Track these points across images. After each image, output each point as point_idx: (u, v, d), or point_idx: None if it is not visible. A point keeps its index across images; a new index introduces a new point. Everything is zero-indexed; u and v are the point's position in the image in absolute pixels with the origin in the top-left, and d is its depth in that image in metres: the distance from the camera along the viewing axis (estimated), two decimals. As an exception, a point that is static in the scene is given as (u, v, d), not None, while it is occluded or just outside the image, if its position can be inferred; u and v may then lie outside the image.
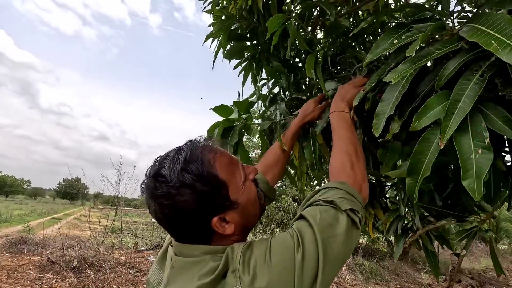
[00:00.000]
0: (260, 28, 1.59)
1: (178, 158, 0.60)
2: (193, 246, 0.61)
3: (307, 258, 0.54)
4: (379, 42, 0.73)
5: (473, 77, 0.60)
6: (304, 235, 0.56)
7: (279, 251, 0.55)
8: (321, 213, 0.60)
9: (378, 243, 7.94)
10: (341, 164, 0.76)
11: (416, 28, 0.70)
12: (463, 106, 0.58)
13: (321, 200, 0.64)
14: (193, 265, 0.58)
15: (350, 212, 0.62)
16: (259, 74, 1.77)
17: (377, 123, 0.71)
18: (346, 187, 0.68)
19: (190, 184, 0.58)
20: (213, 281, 0.54)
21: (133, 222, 8.71)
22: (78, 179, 48.85)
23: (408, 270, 6.90)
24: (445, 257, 7.90)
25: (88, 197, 29.32)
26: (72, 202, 49.57)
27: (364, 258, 6.68)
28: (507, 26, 0.52)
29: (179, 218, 0.60)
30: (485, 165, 0.54)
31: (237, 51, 1.61)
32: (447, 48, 0.62)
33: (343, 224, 0.60)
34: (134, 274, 4.44)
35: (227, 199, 0.62)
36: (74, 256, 4.45)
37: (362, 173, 0.76)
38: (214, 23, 1.58)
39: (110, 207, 7.92)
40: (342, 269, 5.68)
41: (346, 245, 0.59)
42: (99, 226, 6.74)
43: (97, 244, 5.38)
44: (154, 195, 0.59)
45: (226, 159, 0.65)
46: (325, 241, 0.56)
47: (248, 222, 0.68)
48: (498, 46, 0.51)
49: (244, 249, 0.57)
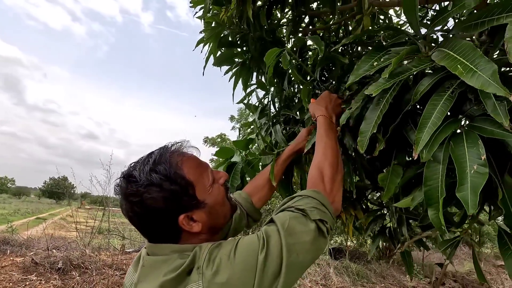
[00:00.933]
0: (250, 35, 1.63)
1: (148, 160, 0.65)
2: (163, 245, 0.65)
3: (270, 260, 0.56)
4: (360, 64, 0.78)
5: (445, 93, 0.65)
6: (271, 238, 0.59)
7: (243, 251, 0.58)
8: (291, 219, 0.63)
9: (365, 246, 8.05)
10: (321, 173, 0.79)
11: (394, 51, 0.75)
12: (435, 120, 0.63)
13: (293, 207, 0.67)
14: (162, 263, 0.61)
15: (319, 222, 0.65)
16: (250, 80, 1.81)
17: (362, 140, 0.75)
18: (320, 197, 0.71)
19: (157, 183, 0.62)
20: (177, 277, 0.57)
21: (121, 223, 8.59)
22: (65, 178, 47.77)
23: (394, 273, 7.02)
24: (430, 261, 8.07)
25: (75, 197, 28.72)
26: (58, 202, 48.37)
27: (351, 261, 6.77)
28: (470, 52, 0.58)
29: (148, 215, 0.63)
30: (480, 180, 0.57)
31: (226, 58, 1.65)
32: (422, 66, 0.67)
33: (311, 233, 0.63)
34: (121, 276, 4.39)
35: (194, 199, 0.66)
36: (59, 258, 4.37)
37: (339, 186, 0.79)
38: (205, 29, 1.61)
39: (98, 207, 7.79)
40: (329, 272, 5.75)
41: (311, 252, 0.62)
42: (86, 227, 6.62)
43: (83, 245, 5.29)
44: (125, 194, 0.64)
45: (194, 162, 0.70)
46: (290, 246, 0.58)
47: (216, 222, 0.71)
48: (463, 70, 0.56)
49: (212, 248, 0.60)
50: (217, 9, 1.57)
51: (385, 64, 0.72)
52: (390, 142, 0.87)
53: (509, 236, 0.73)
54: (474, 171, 0.58)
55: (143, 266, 0.64)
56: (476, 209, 0.57)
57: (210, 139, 12.81)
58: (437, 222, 0.63)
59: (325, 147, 0.85)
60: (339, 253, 7.34)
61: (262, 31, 1.54)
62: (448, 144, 0.65)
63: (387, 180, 0.86)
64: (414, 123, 0.80)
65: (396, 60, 0.65)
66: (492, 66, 0.54)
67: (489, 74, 0.53)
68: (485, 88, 0.53)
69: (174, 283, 0.57)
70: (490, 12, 0.61)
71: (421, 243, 1.40)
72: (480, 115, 0.64)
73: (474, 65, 0.56)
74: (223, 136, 12.85)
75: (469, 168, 0.59)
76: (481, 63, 0.55)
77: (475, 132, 0.62)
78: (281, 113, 1.54)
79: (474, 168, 0.59)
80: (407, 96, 0.78)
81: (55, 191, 50.83)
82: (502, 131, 0.58)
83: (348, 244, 8.11)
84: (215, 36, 1.55)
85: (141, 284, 0.61)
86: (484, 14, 0.62)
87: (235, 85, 1.75)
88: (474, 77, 0.55)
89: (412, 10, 0.69)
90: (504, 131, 0.58)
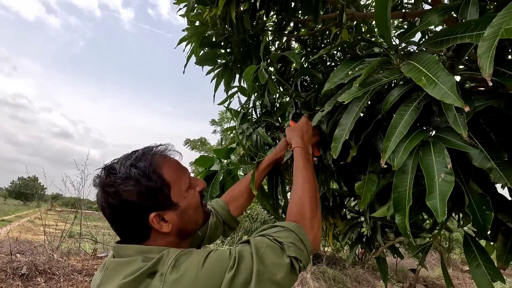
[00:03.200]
0: (233, 37, 1.62)
1: (131, 156, 0.68)
2: (129, 246, 0.64)
3: (236, 281, 0.56)
4: (335, 72, 0.80)
5: (412, 104, 0.68)
6: (243, 260, 0.59)
7: (212, 265, 0.57)
8: (267, 247, 0.63)
9: (342, 252, 8.19)
10: (302, 208, 0.78)
11: (367, 62, 0.78)
12: (401, 129, 0.66)
13: (272, 237, 0.66)
14: (124, 265, 0.60)
15: (294, 259, 0.64)
16: (232, 82, 1.80)
17: (335, 146, 0.76)
18: (301, 234, 0.70)
19: (135, 177, 0.63)
20: (136, 279, 0.56)
21: (94, 226, 8.23)
22: (35, 178, 45.30)
23: (369, 278, 7.19)
24: (403, 266, 8.34)
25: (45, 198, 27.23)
26: (26, 203, 45.68)
27: (328, 266, 6.86)
28: (433, 65, 0.61)
29: (120, 207, 0.64)
30: (447, 188, 0.60)
31: (209, 58, 1.63)
32: (392, 77, 0.70)
33: (283, 267, 0.62)
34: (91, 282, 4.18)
35: (168, 199, 0.67)
36: (24, 263, 4.10)
37: (319, 222, 0.79)
38: (188, 28, 1.59)
39: (70, 210, 7.42)
40: (306, 277, 5.78)
41: (279, 285, 0.60)
42: (56, 230, 6.27)
43: (52, 249, 5.00)
44: (102, 184, 0.65)
45: (174, 165, 0.71)
46: (260, 274, 0.58)
47: (187, 226, 0.71)
48: (426, 82, 0.59)
49: (180, 254, 0.59)
50: (201, 8, 1.56)
51: (359, 73, 0.75)
52: (365, 150, 0.89)
53: (475, 242, 0.76)
54: (442, 180, 0.61)
55: (107, 269, 0.63)
56: (445, 216, 0.60)
57: (192, 141, 12.63)
58: (403, 228, 0.65)
59: (303, 181, 0.85)
60: (317, 258, 7.42)
61: (246, 34, 1.54)
62: (417, 153, 0.67)
63: (363, 189, 0.88)
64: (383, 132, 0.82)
65: (367, 70, 0.67)
66: (451, 79, 0.57)
67: (448, 86, 0.56)
68: (445, 99, 0.55)
69: (132, 285, 0.55)
70: (455, 30, 0.66)
71: (395, 250, 1.44)
72: (445, 127, 0.67)
73: (436, 78, 0.59)
74: (203, 140, 12.71)
75: (437, 176, 0.62)
76: (442, 76, 0.58)
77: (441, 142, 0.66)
78: (262, 119, 1.54)
79: (442, 177, 0.61)
80: (379, 106, 0.80)
81: (23, 191, 47.95)
82: (462, 143, 0.62)
83: (326, 250, 8.23)
84: (197, 36, 1.53)
85: (103, 286, 0.60)
86: (450, 31, 0.66)
87: (216, 86, 1.74)
88: (435, 88, 0.58)
89: (384, 25, 0.73)
90: (463, 143, 0.62)
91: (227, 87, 1.76)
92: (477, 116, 0.68)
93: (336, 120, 0.83)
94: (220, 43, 1.69)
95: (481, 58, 0.51)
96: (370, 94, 0.72)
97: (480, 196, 0.68)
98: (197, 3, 1.52)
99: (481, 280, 0.71)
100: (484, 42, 0.51)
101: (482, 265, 0.72)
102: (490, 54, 0.50)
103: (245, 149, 1.37)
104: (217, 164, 1.31)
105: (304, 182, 0.84)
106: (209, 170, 1.30)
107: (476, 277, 0.72)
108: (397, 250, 1.45)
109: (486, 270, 0.71)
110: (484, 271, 0.71)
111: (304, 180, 0.85)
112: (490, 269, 0.71)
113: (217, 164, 1.31)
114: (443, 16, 0.71)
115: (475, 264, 0.74)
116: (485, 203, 0.67)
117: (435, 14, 0.72)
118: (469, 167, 0.68)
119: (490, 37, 0.51)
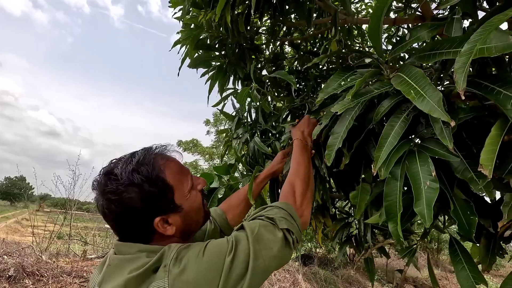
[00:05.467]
0: (228, 40, 1.63)
1: (132, 160, 0.66)
2: (132, 244, 0.64)
3: (236, 263, 0.59)
4: (329, 82, 0.83)
5: (402, 115, 0.71)
6: (239, 243, 0.62)
7: (212, 252, 0.60)
8: (260, 227, 0.66)
9: (334, 253, 8.26)
10: (293, 188, 0.84)
11: (359, 72, 0.82)
12: (392, 140, 0.69)
13: (264, 216, 0.71)
14: (128, 262, 0.60)
15: (286, 231, 0.68)
16: (226, 84, 1.81)
17: (329, 153, 0.79)
18: (289, 209, 0.74)
19: (138, 183, 0.62)
20: (142, 274, 0.57)
21: (84, 227, 8.10)
22: (22, 178, 44.23)
23: (360, 279, 7.26)
24: (393, 266, 8.45)
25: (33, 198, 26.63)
26: (13, 203, 44.56)
27: (320, 267, 6.91)
28: (421, 79, 0.64)
29: (124, 214, 0.63)
30: (433, 195, 0.63)
31: (203, 61, 1.64)
32: (383, 89, 0.73)
33: (278, 241, 0.66)
34: (81, 284, 4.12)
35: (172, 202, 0.67)
36: (11, 264, 4.01)
37: (308, 201, 0.84)
38: (182, 30, 1.59)
39: (59, 210, 7.28)
40: (298, 278, 5.81)
41: (276, 260, 0.64)
42: (44, 231, 6.15)
43: (40, 250, 4.90)
44: (104, 191, 0.63)
45: (176, 167, 0.71)
46: (257, 252, 0.61)
47: (189, 227, 0.73)
48: (415, 96, 0.62)
49: (181, 248, 0.60)
50: (196, 12, 1.56)
51: (351, 84, 0.78)
52: (359, 157, 0.92)
53: (459, 244, 0.79)
54: (428, 187, 0.64)
55: (109, 265, 0.63)
56: (432, 222, 0.63)
57: (184, 143, 12.54)
58: (396, 235, 0.68)
59: (298, 165, 0.90)
60: (309, 259, 7.47)
61: (240, 37, 1.55)
62: (404, 162, 0.70)
63: (358, 198, 0.92)
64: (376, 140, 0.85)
65: (359, 83, 0.70)
66: (438, 94, 0.59)
67: (436, 101, 0.58)
68: (432, 113, 0.58)
69: (139, 280, 0.56)
70: (441, 46, 0.68)
71: (383, 251, 1.48)
72: (429, 137, 0.71)
73: (424, 92, 0.61)
74: (195, 141, 12.63)
75: (423, 184, 0.65)
76: (429, 90, 0.61)
77: (425, 152, 0.69)
78: (257, 125, 1.56)
79: (427, 184, 0.64)
80: (371, 115, 0.83)
81: (10, 191, 46.78)
82: (445, 152, 0.66)
83: (317, 251, 8.28)
84: (192, 38, 1.54)
85: (105, 283, 0.60)
86: (437, 46, 0.69)
87: (210, 88, 1.74)
88: (424, 102, 0.60)
89: (376, 37, 0.75)
90: (446, 152, 0.65)
91: (221, 90, 1.77)
92: (460, 129, 0.71)
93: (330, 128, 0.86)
94: (214, 45, 1.70)
95: (456, 73, 0.53)
96: (362, 104, 0.74)
97: (464, 201, 0.71)
98: (193, 6, 1.53)
99: (465, 282, 0.74)
100: (461, 57, 0.54)
101: (467, 268, 0.76)
102: (464, 70, 0.52)
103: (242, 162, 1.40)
104: (216, 181, 1.33)
105: (298, 166, 0.89)
106: (209, 187, 1.32)
107: (461, 279, 0.75)
108: (384, 250, 1.49)
109: (470, 273, 0.74)
110: (468, 274, 0.74)
111: (298, 164, 0.90)
112: (473, 272, 0.74)
113: (216, 181, 1.33)
114: (433, 33, 0.74)
115: (460, 267, 0.77)
116: (469, 208, 0.70)
117: (424, 30, 0.75)
118: (453, 175, 0.71)
119: (466, 53, 0.53)
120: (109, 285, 0.59)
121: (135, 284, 0.56)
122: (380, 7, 0.69)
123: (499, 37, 0.52)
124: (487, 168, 0.57)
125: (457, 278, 0.75)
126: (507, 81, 0.60)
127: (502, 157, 0.63)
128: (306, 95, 1.44)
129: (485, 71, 0.70)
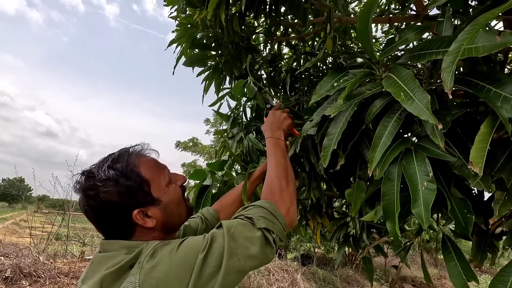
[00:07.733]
0: (224, 39, 1.63)
1: (108, 159, 0.69)
2: (114, 242, 0.66)
3: (209, 260, 0.59)
4: (322, 84, 0.83)
5: (394, 115, 0.72)
6: (215, 240, 0.62)
7: (185, 249, 0.60)
8: (238, 225, 0.66)
9: (332, 253, 8.26)
10: (271, 187, 0.83)
11: (352, 73, 0.82)
12: (385, 140, 0.69)
13: (243, 215, 0.71)
14: (107, 259, 0.62)
15: (265, 230, 0.68)
16: (222, 84, 1.81)
17: (324, 155, 0.79)
18: (270, 208, 0.74)
19: (114, 178, 0.65)
20: (118, 270, 0.58)
21: (82, 228, 8.07)
22: (21, 179, 44.08)
23: (358, 278, 7.27)
24: (392, 265, 8.47)
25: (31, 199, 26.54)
26: (11, 205, 44.37)
27: (319, 267, 6.92)
28: (410, 81, 0.64)
29: (103, 209, 0.66)
30: (430, 196, 0.63)
31: (198, 60, 1.63)
32: (375, 89, 0.73)
33: (256, 240, 0.65)
34: (78, 285, 4.10)
35: (149, 195, 0.68)
36: (8, 265, 3.99)
37: (291, 197, 0.82)
38: (177, 29, 1.59)
39: (57, 211, 7.25)
40: (297, 277, 5.81)
41: (253, 259, 0.63)
42: (42, 232, 6.12)
43: (37, 252, 4.89)
44: (83, 188, 0.67)
45: (151, 163, 0.73)
46: (232, 250, 0.61)
47: (171, 220, 0.73)
48: (404, 98, 0.62)
49: (159, 245, 0.61)
50: (192, 11, 1.56)
51: (343, 85, 0.78)
52: (354, 157, 0.92)
53: (452, 243, 0.80)
54: (425, 188, 0.64)
55: (92, 263, 0.65)
56: (429, 223, 0.63)
57: (182, 143, 12.53)
58: (394, 234, 0.69)
59: (272, 163, 0.90)
60: (307, 259, 7.47)
61: (235, 36, 1.55)
62: (401, 162, 0.70)
63: (353, 196, 0.92)
64: (369, 140, 0.85)
65: (351, 85, 0.70)
66: (426, 96, 0.59)
67: (424, 104, 0.59)
68: (421, 115, 0.58)
69: (115, 276, 0.58)
70: (430, 45, 0.69)
71: (380, 250, 1.48)
72: (425, 135, 0.70)
73: (413, 94, 0.62)
74: (195, 140, 12.62)
75: (420, 185, 0.65)
76: (418, 93, 0.61)
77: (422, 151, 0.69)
78: (253, 124, 1.56)
79: (425, 185, 0.64)
80: (364, 114, 0.83)
81: (8, 193, 46.61)
82: (441, 152, 0.66)
83: (316, 251, 8.28)
84: (188, 37, 1.54)
85: (87, 280, 0.61)
86: (426, 46, 0.70)
87: (206, 88, 1.74)
88: (413, 104, 0.60)
89: (366, 38, 0.75)
90: (442, 152, 0.65)
91: (217, 89, 1.77)
92: (454, 125, 0.71)
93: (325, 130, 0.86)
94: (210, 44, 1.70)
95: (444, 72, 0.54)
96: (355, 105, 0.75)
97: (461, 200, 0.72)
98: (187, 5, 1.53)
99: (457, 279, 0.74)
100: (448, 56, 0.54)
101: (458, 266, 0.76)
102: (451, 69, 0.52)
103: (237, 160, 1.39)
104: (209, 178, 1.33)
105: (275, 164, 0.89)
106: (202, 184, 1.32)
107: (453, 276, 0.75)
108: (381, 249, 1.49)
109: (461, 270, 0.75)
110: (460, 271, 0.75)
111: (274, 162, 0.90)
112: (465, 269, 0.74)
113: (209, 178, 1.33)
114: (419, 35, 0.75)
115: (452, 264, 0.77)
116: (466, 207, 0.71)
117: (411, 32, 0.76)
118: (450, 173, 0.71)
119: (453, 52, 0.54)
120: (90, 281, 0.60)
121: (112, 280, 0.57)
122: (366, 10, 0.70)
123: (487, 36, 0.52)
124: (478, 166, 0.57)
125: (449, 276, 0.75)
126: (496, 79, 0.60)
127: (492, 155, 0.63)
128: (302, 93, 1.44)
129: (475, 69, 0.71)
